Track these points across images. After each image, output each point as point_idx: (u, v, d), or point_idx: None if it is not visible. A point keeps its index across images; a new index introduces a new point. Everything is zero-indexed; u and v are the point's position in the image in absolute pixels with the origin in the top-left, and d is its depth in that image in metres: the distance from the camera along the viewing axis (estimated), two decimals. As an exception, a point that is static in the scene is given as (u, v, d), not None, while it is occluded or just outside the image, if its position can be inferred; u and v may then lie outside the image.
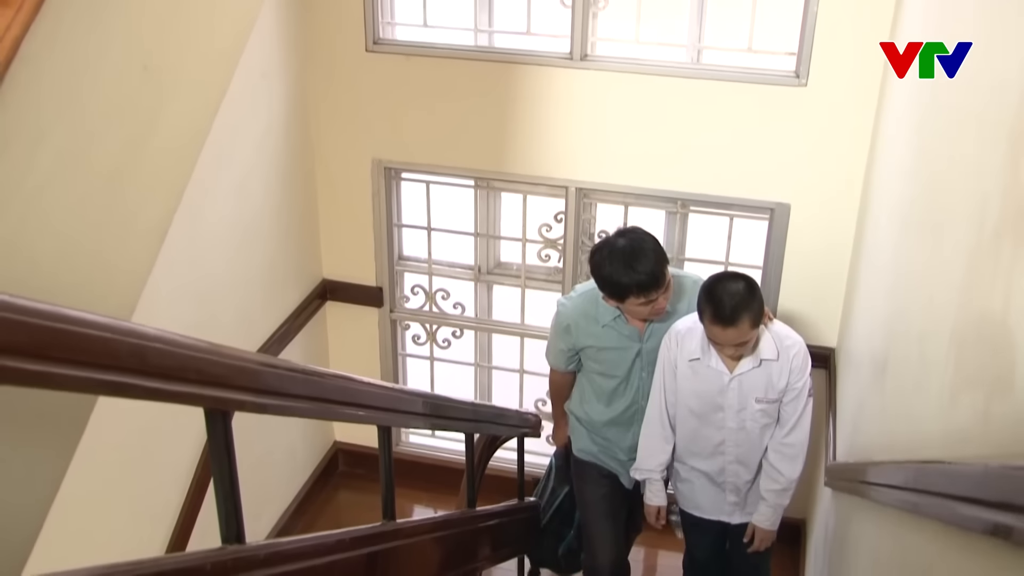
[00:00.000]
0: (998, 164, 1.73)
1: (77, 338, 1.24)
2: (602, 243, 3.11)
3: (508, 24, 4.56)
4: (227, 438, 1.66)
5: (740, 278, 2.94)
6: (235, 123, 3.98)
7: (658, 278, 2.99)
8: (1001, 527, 1.25)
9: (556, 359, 3.47)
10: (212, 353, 1.56)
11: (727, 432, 3.19)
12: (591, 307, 3.26)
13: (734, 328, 2.88)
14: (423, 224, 4.98)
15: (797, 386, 3.11)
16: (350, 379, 2.12)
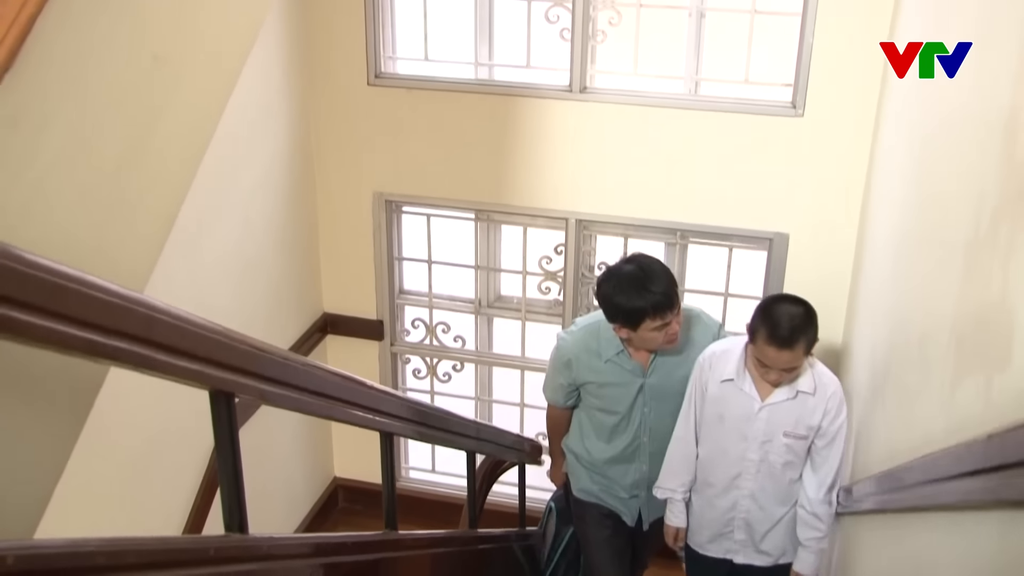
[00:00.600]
0: (995, 157, 1.76)
1: (85, 298, 1.25)
2: (608, 272, 3.04)
3: (508, 58, 4.62)
4: (231, 422, 1.66)
5: (799, 301, 2.87)
6: (238, 155, 4.02)
7: (672, 298, 2.93)
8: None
9: (555, 395, 3.36)
10: (221, 334, 1.58)
11: (746, 464, 3.07)
12: (593, 341, 3.17)
13: (789, 351, 2.78)
14: (424, 257, 5.00)
15: (833, 428, 3.00)
16: (353, 378, 2.13)
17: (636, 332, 2.98)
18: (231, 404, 1.65)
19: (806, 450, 3.04)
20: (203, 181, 3.64)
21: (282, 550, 1.86)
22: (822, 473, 3.03)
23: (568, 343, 3.24)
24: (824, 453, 3.01)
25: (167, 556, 1.48)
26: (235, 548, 1.69)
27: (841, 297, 4.37)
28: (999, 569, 1.40)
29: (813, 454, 3.04)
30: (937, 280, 2.23)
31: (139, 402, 3.07)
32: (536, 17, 4.42)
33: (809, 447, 3.04)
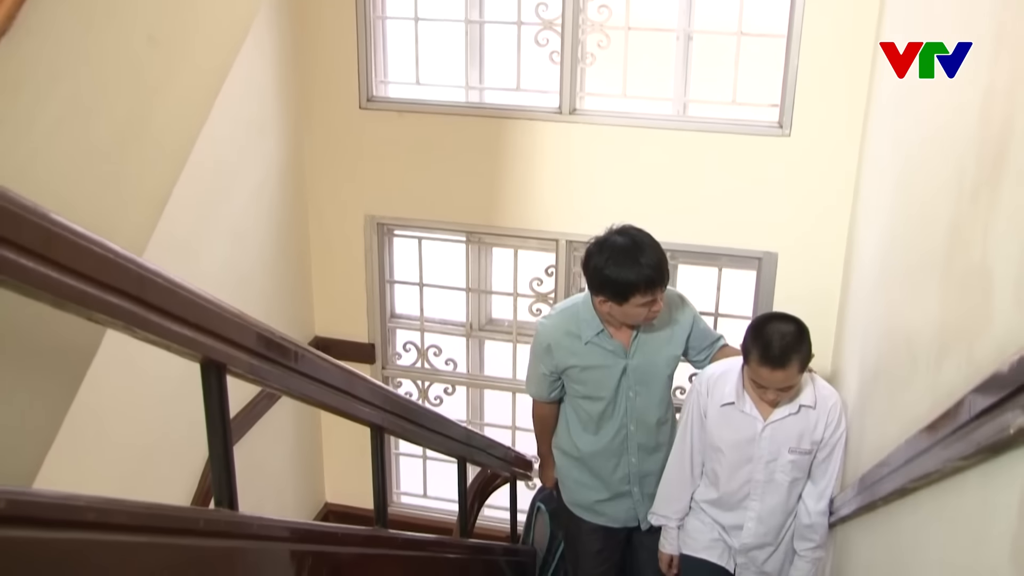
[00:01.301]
0: (974, 122, 1.80)
1: (79, 248, 1.27)
2: (599, 243, 2.96)
3: (498, 81, 4.68)
4: (222, 395, 1.67)
5: (790, 319, 2.84)
6: (230, 177, 4.06)
7: (663, 273, 2.87)
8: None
9: (538, 387, 3.26)
10: (213, 303, 1.59)
11: (753, 485, 3.02)
12: (572, 323, 3.09)
13: (783, 370, 2.75)
14: (415, 280, 5.02)
15: (833, 439, 2.97)
16: (345, 368, 2.14)
17: (622, 307, 2.91)
18: (222, 377, 1.66)
19: (810, 466, 3.02)
20: (194, 200, 3.71)
21: (271, 532, 1.86)
22: (822, 484, 3.02)
23: (547, 327, 3.15)
24: (824, 465, 3.00)
25: (156, 521, 1.47)
26: (225, 523, 1.69)
27: (831, 315, 4.39)
28: (981, 538, 1.41)
29: (813, 467, 3.02)
30: (919, 284, 2.27)
31: (138, 408, 3.07)
32: (526, 40, 4.49)
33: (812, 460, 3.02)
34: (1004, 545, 1.24)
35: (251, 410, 4.46)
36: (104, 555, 1.36)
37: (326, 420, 5.17)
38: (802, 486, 3.05)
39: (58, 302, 1.27)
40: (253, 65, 4.26)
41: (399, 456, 5.42)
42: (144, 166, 1.80)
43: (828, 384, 3.05)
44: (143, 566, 1.45)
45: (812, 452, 2.98)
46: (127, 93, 1.70)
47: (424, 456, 5.26)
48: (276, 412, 4.61)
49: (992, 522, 1.33)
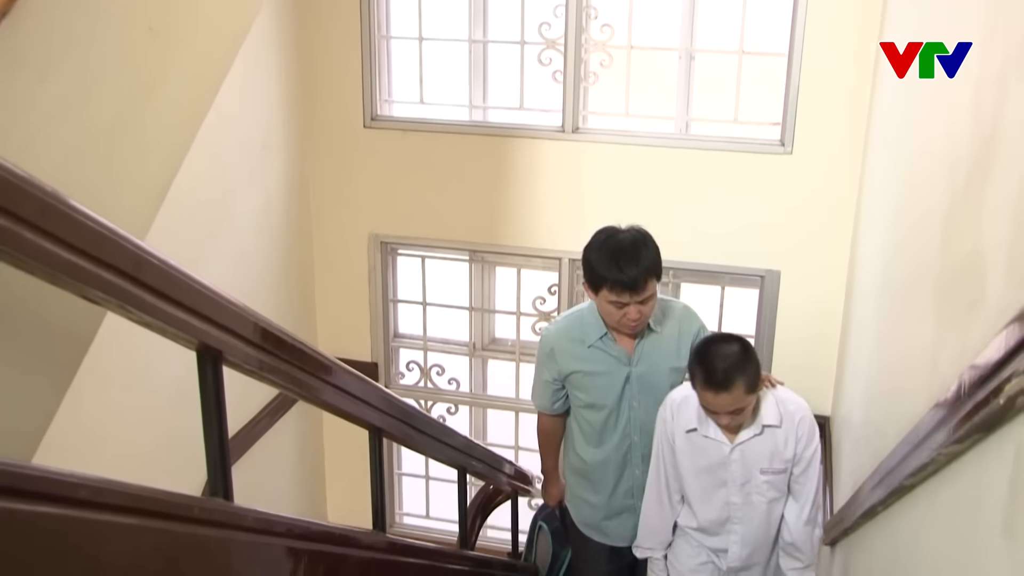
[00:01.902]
0: (966, 119, 1.81)
1: (74, 222, 1.28)
2: (605, 230, 2.96)
3: (502, 100, 4.72)
4: (217, 384, 1.67)
5: (734, 339, 2.75)
6: (234, 194, 4.08)
7: (637, 283, 2.82)
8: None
9: (542, 397, 3.23)
10: (209, 289, 1.60)
11: (732, 508, 2.93)
12: (576, 329, 3.09)
13: (727, 393, 2.65)
14: (418, 299, 5.03)
15: (806, 454, 2.87)
16: (343, 366, 2.14)
17: (596, 296, 2.92)
18: (218, 365, 1.66)
19: (787, 483, 2.94)
20: (199, 217, 3.73)
21: (267, 526, 1.85)
22: (801, 500, 2.94)
23: (551, 332, 3.17)
24: (802, 480, 2.92)
25: (149, 504, 1.47)
26: (220, 512, 1.68)
27: (834, 331, 4.39)
28: (975, 522, 1.40)
29: (791, 483, 2.94)
30: (917, 291, 2.28)
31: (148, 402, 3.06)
32: (529, 60, 4.52)
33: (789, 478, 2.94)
34: (995, 521, 1.24)
35: (253, 427, 4.46)
36: (95, 534, 1.36)
37: (328, 439, 5.17)
38: (783, 504, 2.97)
39: (52, 275, 1.27)
40: (259, 84, 4.30)
41: (401, 476, 5.40)
42: (142, 155, 1.82)
43: (795, 398, 2.93)
44: (134, 548, 1.45)
45: (786, 470, 2.89)
46: (125, 81, 1.72)
47: (427, 476, 5.25)
48: (278, 429, 4.61)
49: (985, 503, 1.32)
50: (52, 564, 1.28)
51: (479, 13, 4.58)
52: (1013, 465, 1.19)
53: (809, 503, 2.92)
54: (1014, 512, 1.17)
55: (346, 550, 2.21)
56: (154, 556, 1.51)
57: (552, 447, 3.38)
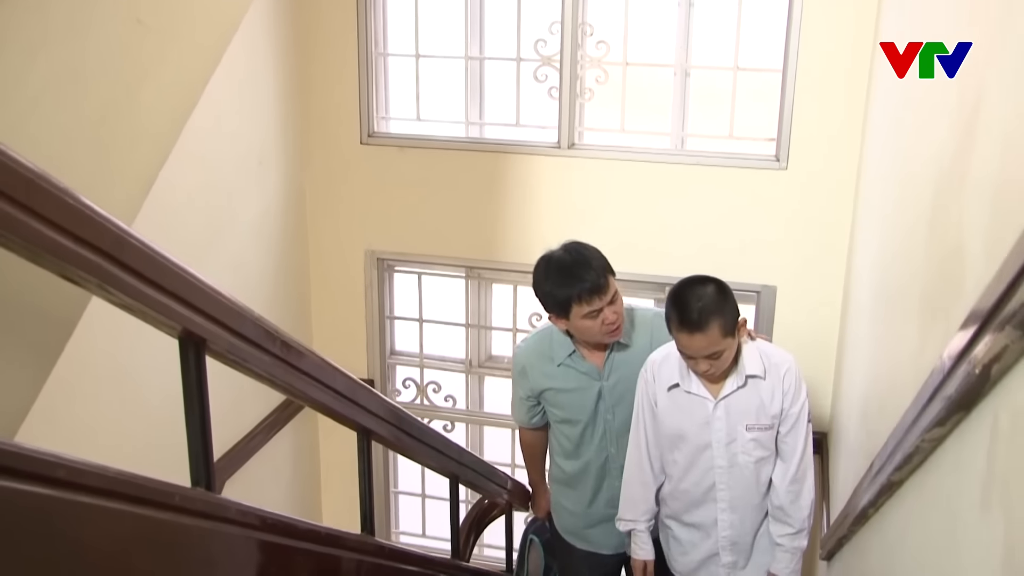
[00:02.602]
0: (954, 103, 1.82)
1: (56, 199, 1.28)
2: (540, 260, 2.95)
3: (498, 116, 4.74)
4: (200, 373, 1.67)
5: (709, 280, 2.66)
6: (229, 210, 4.09)
7: (599, 283, 2.80)
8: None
9: (519, 412, 3.25)
10: (192, 276, 1.60)
11: (717, 473, 2.83)
12: (545, 346, 3.07)
13: (702, 334, 2.56)
14: (414, 316, 5.03)
15: (793, 411, 2.78)
16: (332, 364, 2.14)
17: (570, 321, 2.87)
18: (200, 353, 1.66)
19: (774, 442, 2.84)
20: (193, 231, 3.74)
21: (251, 519, 1.84)
22: (790, 461, 2.83)
23: (522, 350, 3.17)
24: (788, 440, 2.81)
25: (129, 489, 1.46)
26: (202, 503, 1.67)
27: (831, 346, 4.39)
28: (956, 505, 1.39)
29: (779, 443, 2.83)
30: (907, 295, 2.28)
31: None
32: (525, 76, 4.55)
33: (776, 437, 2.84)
34: (973, 499, 1.23)
35: (248, 442, 4.45)
36: (74, 516, 1.35)
37: (325, 455, 5.15)
38: (771, 466, 2.86)
39: (33, 253, 1.28)
40: (256, 99, 4.32)
41: (398, 495, 5.37)
42: (131, 143, 1.82)
43: (780, 351, 2.86)
44: (112, 532, 1.44)
45: (773, 426, 2.79)
46: (115, 69, 1.73)
47: (423, 495, 5.23)
48: (274, 444, 4.60)
49: (965, 483, 1.32)
50: (29, 543, 1.28)
51: (475, 30, 4.61)
52: (990, 438, 1.18)
53: (796, 461, 2.82)
54: (990, 486, 1.16)
55: (331, 550, 2.19)
56: (134, 542, 1.51)
57: (536, 458, 3.41)
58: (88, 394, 2.74)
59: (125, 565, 1.48)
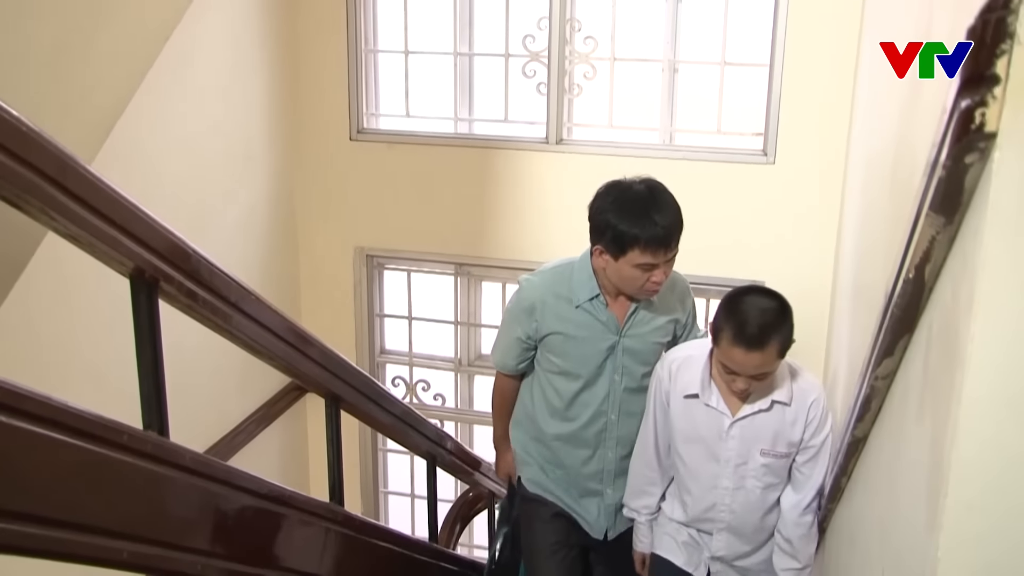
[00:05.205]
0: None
1: None
2: (612, 185, 2.63)
3: (487, 112, 4.75)
4: (152, 315, 1.66)
5: (772, 294, 2.41)
6: (216, 205, 4.10)
7: (672, 236, 2.54)
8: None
9: (504, 355, 2.87)
10: (144, 212, 1.59)
11: (720, 493, 2.61)
12: (563, 285, 2.69)
13: (759, 352, 2.32)
14: (404, 314, 5.02)
15: (815, 442, 2.54)
16: (299, 326, 2.13)
17: (617, 262, 2.54)
18: (153, 295, 1.65)
19: (787, 470, 2.61)
20: (177, 222, 3.72)
21: (206, 469, 1.80)
22: (803, 490, 2.60)
23: (533, 285, 2.74)
24: (806, 470, 2.58)
25: (71, 421, 1.44)
26: (152, 445, 1.65)
27: (819, 342, 4.35)
28: (902, 438, 1.38)
29: (794, 470, 2.61)
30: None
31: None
32: (513, 72, 4.56)
33: (791, 464, 2.61)
34: (913, 413, 1.21)
35: (232, 439, 4.43)
36: (10, 439, 1.34)
37: (313, 453, 5.11)
38: (779, 492, 2.63)
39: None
40: (244, 96, 4.35)
41: (387, 495, 5.35)
42: (86, 85, 1.81)
43: (811, 377, 2.62)
44: (54, 464, 1.42)
45: (790, 455, 2.56)
46: (71, 5, 1.71)
47: (412, 495, 5.20)
48: (262, 440, 4.58)
49: (908, 405, 1.30)
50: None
51: (464, 26, 4.62)
52: (926, 348, 1.16)
53: (810, 491, 2.59)
54: (925, 395, 1.15)
55: (295, 512, 2.16)
56: (76, 476, 1.48)
57: (507, 410, 3.01)
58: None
59: (64, 498, 1.45)
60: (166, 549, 1.68)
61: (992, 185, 0.93)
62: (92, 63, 1.83)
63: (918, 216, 1.08)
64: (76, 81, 1.77)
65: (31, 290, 2.27)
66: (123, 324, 1.71)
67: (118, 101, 1.90)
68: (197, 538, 1.78)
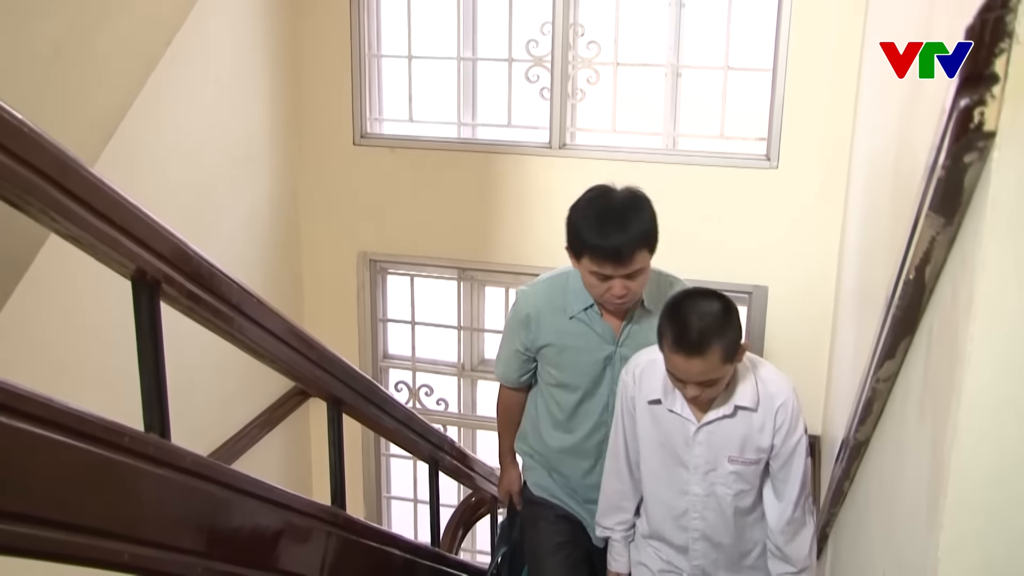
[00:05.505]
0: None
1: None
2: (600, 187, 2.57)
3: (490, 117, 4.75)
4: (153, 317, 1.66)
5: (714, 296, 2.27)
6: (218, 208, 4.11)
7: (621, 255, 2.40)
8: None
9: (506, 367, 2.83)
10: (145, 214, 1.59)
11: (691, 500, 2.50)
12: (558, 295, 2.65)
13: (700, 359, 2.18)
14: (407, 319, 5.02)
15: (786, 448, 2.41)
16: (302, 330, 2.13)
17: (578, 265, 2.51)
18: (154, 297, 1.65)
19: (759, 475, 2.49)
20: (180, 226, 3.73)
21: (208, 472, 1.81)
22: (784, 500, 2.48)
23: (529, 295, 2.72)
24: (782, 475, 2.46)
25: (70, 421, 1.45)
26: (153, 448, 1.65)
27: (823, 349, 4.36)
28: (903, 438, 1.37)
29: (772, 477, 2.50)
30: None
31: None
32: (517, 77, 4.57)
33: (766, 469, 2.49)
34: (915, 413, 1.21)
35: (236, 442, 4.44)
36: (10, 440, 1.34)
37: (316, 450, 5.11)
38: (751, 498, 2.51)
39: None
40: (247, 100, 4.35)
41: (390, 499, 5.34)
42: (86, 85, 1.82)
43: (780, 377, 2.47)
44: (55, 465, 1.42)
45: (760, 461, 2.45)
46: (70, 6, 1.71)
47: (415, 499, 5.19)
48: (264, 445, 4.58)
49: (909, 404, 1.30)
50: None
51: (468, 31, 4.63)
52: (927, 349, 1.16)
53: (791, 504, 2.46)
54: (925, 396, 1.14)
55: (297, 517, 2.16)
56: (77, 478, 1.48)
57: (513, 423, 2.98)
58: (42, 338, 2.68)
59: (65, 499, 1.46)
60: (167, 551, 1.68)
61: (991, 184, 0.93)
62: (94, 66, 1.83)
63: (918, 217, 1.08)
64: (78, 83, 1.77)
65: (33, 292, 2.28)
66: (125, 326, 1.71)
67: (120, 104, 1.91)
68: (198, 541, 1.78)
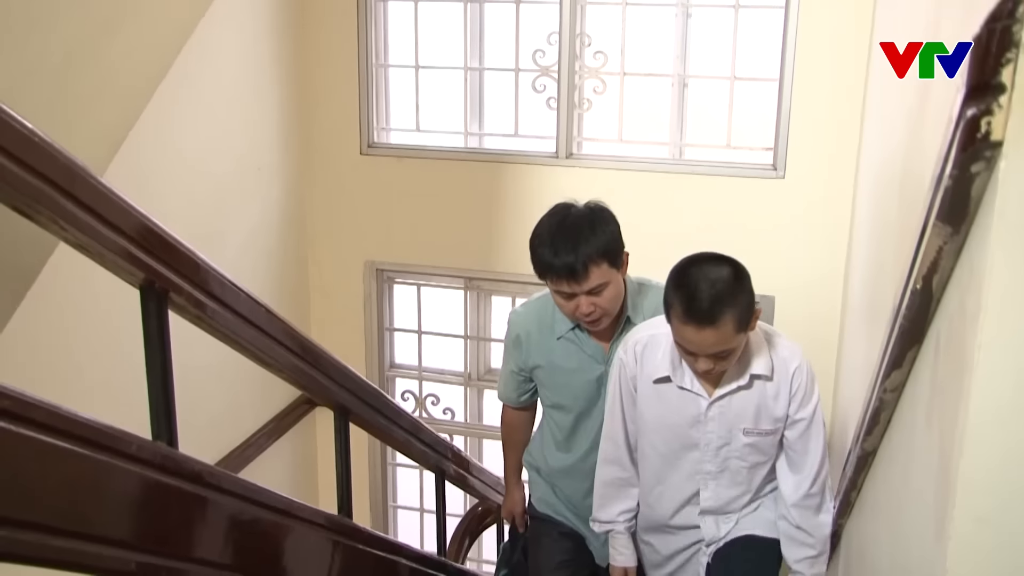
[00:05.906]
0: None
1: (3, 125, 1.29)
2: (560, 205, 2.52)
3: (497, 127, 4.76)
4: (161, 325, 1.66)
5: (724, 260, 2.14)
6: (226, 217, 4.11)
7: (574, 272, 2.34)
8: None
9: (506, 387, 2.81)
10: (154, 223, 1.60)
11: (702, 479, 2.38)
12: (547, 314, 2.59)
13: (712, 329, 2.05)
14: (413, 328, 5.03)
15: (803, 414, 2.29)
16: (308, 339, 2.13)
17: (547, 284, 2.46)
18: (163, 306, 1.66)
19: (776, 444, 2.36)
20: (188, 234, 3.74)
21: (216, 482, 1.81)
22: (801, 472, 2.34)
23: (519, 316, 2.71)
24: (799, 446, 2.32)
25: (76, 428, 1.45)
26: (161, 456, 1.66)
27: (830, 357, 4.34)
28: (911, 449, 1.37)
29: (787, 449, 2.36)
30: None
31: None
32: (524, 87, 4.57)
33: (781, 439, 2.36)
34: (922, 421, 1.21)
35: (243, 451, 4.44)
36: (17, 447, 1.34)
37: (323, 460, 5.11)
38: (767, 468, 2.39)
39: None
40: (255, 110, 4.37)
41: (397, 509, 5.34)
42: (95, 94, 1.83)
43: (788, 343, 2.36)
44: (62, 473, 1.43)
45: (776, 431, 2.31)
46: (80, 16, 1.72)
47: (421, 509, 5.19)
48: (272, 453, 4.58)
49: (917, 414, 1.29)
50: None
51: (475, 41, 4.65)
52: (934, 356, 1.16)
53: (811, 477, 2.33)
54: (933, 405, 1.14)
55: (301, 524, 2.16)
56: (84, 486, 1.49)
57: (517, 443, 2.94)
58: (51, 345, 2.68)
59: (72, 507, 1.46)
60: (175, 560, 1.68)
61: (998, 194, 0.93)
62: (104, 76, 1.84)
63: (925, 226, 1.09)
64: (88, 93, 1.78)
65: (42, 301, 2.28)
66: (133, 335, 1.72)
67: (130, 114, 1.92)
68: (205, 549, 1.78)
